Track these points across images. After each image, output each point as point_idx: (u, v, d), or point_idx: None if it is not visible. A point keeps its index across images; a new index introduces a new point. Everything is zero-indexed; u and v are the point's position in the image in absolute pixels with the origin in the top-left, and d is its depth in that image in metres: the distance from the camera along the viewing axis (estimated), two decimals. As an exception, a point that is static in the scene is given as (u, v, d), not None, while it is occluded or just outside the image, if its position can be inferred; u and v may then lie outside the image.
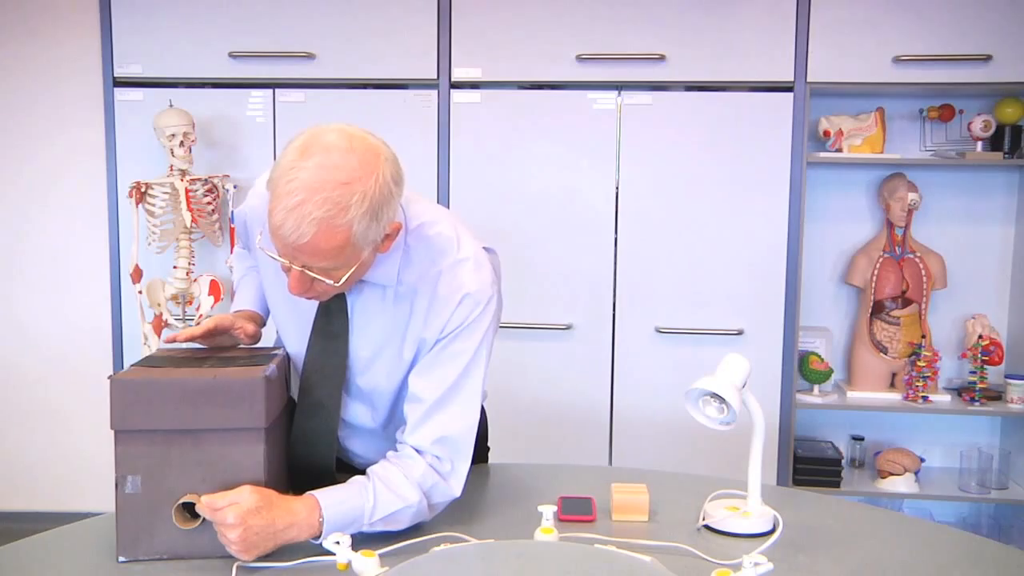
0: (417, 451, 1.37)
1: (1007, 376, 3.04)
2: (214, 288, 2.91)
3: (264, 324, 1.62)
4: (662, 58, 2.91)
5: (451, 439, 1.37)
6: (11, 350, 3.33)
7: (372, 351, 1.41)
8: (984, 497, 3.03)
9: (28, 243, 3.30)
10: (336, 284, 1.25)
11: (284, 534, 1.23)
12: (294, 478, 1.44)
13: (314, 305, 1.40)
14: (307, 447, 1.43)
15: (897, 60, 2.87)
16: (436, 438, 1.36)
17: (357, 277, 1.30)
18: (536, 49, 2.95)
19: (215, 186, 2.95)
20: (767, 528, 1.35)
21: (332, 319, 1.40)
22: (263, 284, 1.54)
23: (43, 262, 3.30)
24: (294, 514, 1.24)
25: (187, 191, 2.84)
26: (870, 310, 3.12)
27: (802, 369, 3.08)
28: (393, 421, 1.47)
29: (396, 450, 1.40)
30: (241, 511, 1.19)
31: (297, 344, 1.46)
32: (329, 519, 1.26)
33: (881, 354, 3.10)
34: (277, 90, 3.03)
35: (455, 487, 1.38)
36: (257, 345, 1.54)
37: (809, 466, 3.03)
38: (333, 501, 1.27)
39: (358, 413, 1.48)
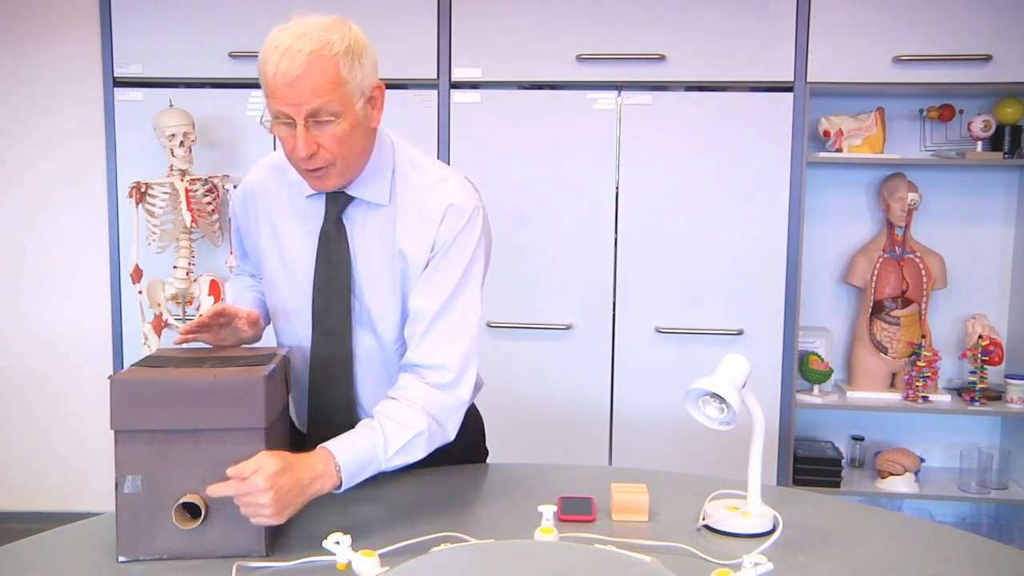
0: (418, 368, 1.43)
1: (1007, 376, 3.04)
2: (214, 288, 2.91)
3: (266, 324, 1.62)
4: (662, 58, 2.91)
5: (452, 349, 1.42)
6: (11, 350, 3.33)
7: (374, 275, 1.46)
8: (984, 497, 3.03)
9: (28, 243, 3.30)
10: (340, 132, 1.32)
11: (310, 488, 1.26)
12: (314, 423, 1.49)
13: (309, 265, 1.47)
14: (325, 378, 1.48)
15: (897, 60, 2.87)
16: (437, 350, 1.42)
17: (356, 145, 1.37)
18: (536, 49, 2.95)
19: (215, 186, 2.95)
20: (767, 528, 1.35)
21: (333, 246, 1.46)
22: (263, 256, 1.56)
23: (43, 262, 3.30)
24: (314, 467, 1.27)
25: (187, 191, 2.84)
26: (870, 310, 3.12)
27: (802, 369, 3.08)
28: (399, 359, 1.49)
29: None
30: (268, 474, 1.19)
31: (302, 300, 1.50)
32: (344, 464, 1.30)
33: (881, 354, 3.10)
34: (277, 90, 3.03)
35: (463, 393, 1.44)
36: (257, 345, 1.54)
37: (809, 466, 3.03)
38: (344, 446, 1.31)
39: (366, 344, 1.50)
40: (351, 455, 1.31)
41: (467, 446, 1.71)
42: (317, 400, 1.51)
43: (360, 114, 1.36)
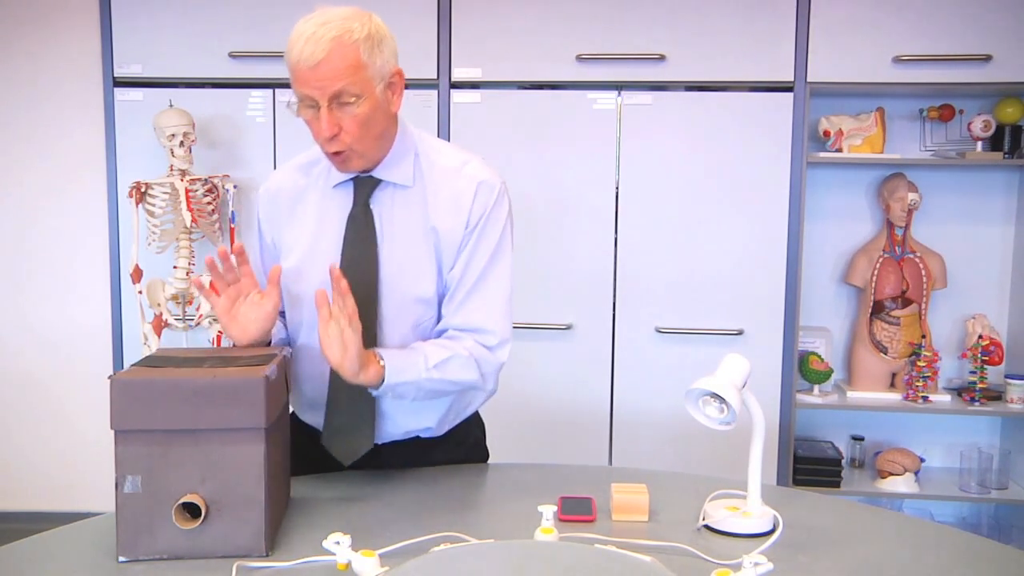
0: (458, 331, 1.51)
1: (1007, 376, 3.04)
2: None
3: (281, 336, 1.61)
4: (662, 58, 2.91)
5: (491, 314, 1.51)
6: (12, 350, 3.33)
7: (402, 253, 1.51)
8: (984, 497, 3.03)
9: (28, 243, 3.30)
10: (361, 114, 1.39)
11: (363, 372, 1.36)
12: (333, 410, 1.51)
13: (338, 250, 1.50)
14: None
15: (897, 60, 2.87)
16: (477, 315, 1.50)
17: (376, 128, 1.43)
18: (536, 49, 2.95)
19: (215, 186, 2.95)
20: (767, 528, 1.35)
21: (360, 228, 1.50)
22: (287, 251, 1.57)
23: (43, 262, 3.30)
24: (367, 356, 1.37)
25: (187, 191, 2.84)
26: (870, 310, 3.12)
27: (802, 369, 3.08)
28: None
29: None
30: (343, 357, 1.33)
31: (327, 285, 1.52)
32: (388, 359, 1.39)
33: (881, 354, 3.10)
34: (277, 90, 3.03)
35: (501, 355, 1.53)
36: (256, 345, 1.53)
37: (809, 466, 3.03)
38: (387, 350, 1.42)
39: (390, 322, 1.52)
40: (393, 355, 1.41)
41: (468, 446, 1.71)
42: (338, 384, 1.49)
43: (380, 98, 1.42)
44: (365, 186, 1.51)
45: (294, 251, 1.56)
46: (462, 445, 1.70)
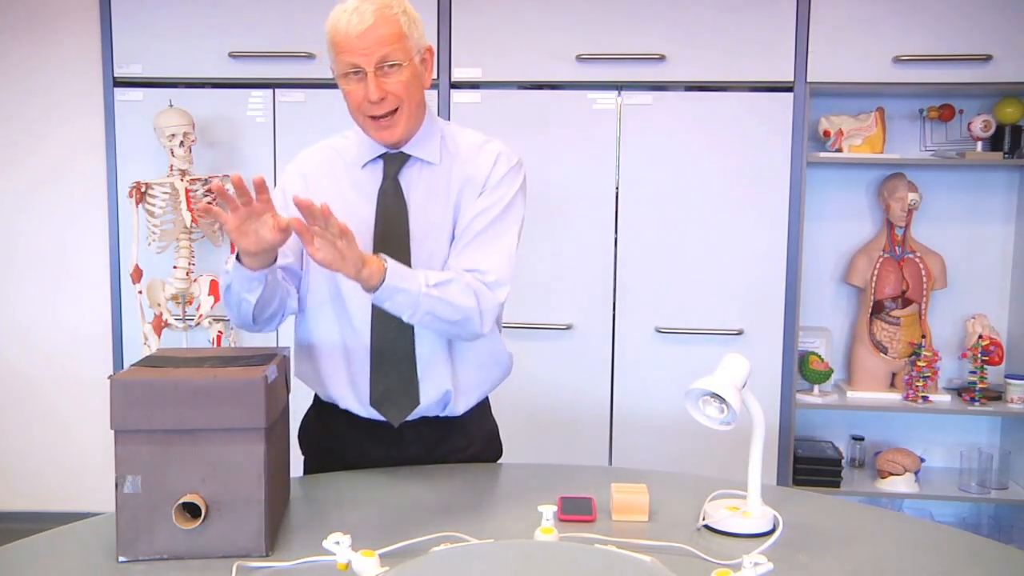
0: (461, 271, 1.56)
1: (1007, 376, 3.04)
2: (214, 288, 2.91)
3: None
4: (662, 58, 2.91)
5: (492, 258, 1.56)
6: (11, 350, 3.33)
7: (427, 226, 1.59)
8: (984, 497, 3.03)
9: (28, 243, 3.30)
10: (405, 79, 1.49)
11: (364, 268, 1.37)
12: (377, 376, 1.57)
13: (372, 213, 1.58)
14: (385, 328, 1.56)
15: (897, 60, 2.87)
16: (479, 257, 1.56)
17: (416, 96, 1.53)
18: (536, 49, 2.95)
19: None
20: (767, 528, 1.35)
21: (390, 201, 1.58)
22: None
23: (43, 262, 3.30)
24: (368, 256, 1.40)
25: (187, 191, 2.84)
26: (870, 310, 3.12)
27: (802, 369, 3.08)
28: None
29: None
30: (344, 244, 1.34)
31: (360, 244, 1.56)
32: (390, 264, 1.42)
33: (881, 354, 3.10)
34: (277, 90, 3.03)
35: (499, 295, 1.57)
36: (256, 346, 1.54)
37: (809, 466, 3.03)
38: (390, 261, 1.44)
39: None
40: (396, 264, 1.43)
41: (483, 439, 1.75)
42: (381, 350, 1.57)
43: (418, 68, 1.54)
44: (395, 161, 1.59)
45: None
46: (478, 439, 1.73)
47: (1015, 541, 3.07)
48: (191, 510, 1.25)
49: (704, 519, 1.38)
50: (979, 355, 3.02)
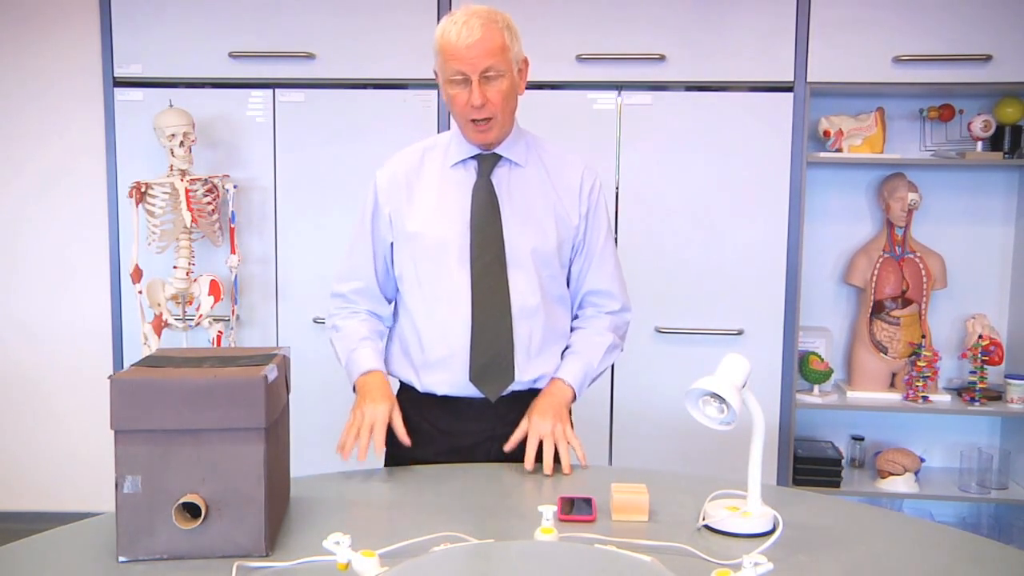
0: (591, 295, 1.85)
1: (1007, 376, 3.04)
2: (214, 288, 2.91)
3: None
4: (662, 58, 2.91)
5: (615, 277, 1.86)
6: (11, 350, 3.33)
7: (518, 217, 1.75)
8: (984, 497, 3.03)
9: (28, 243, 3.30)
10: (504, 88, 1.65)
11: (565, 406, 1.76)
12: (477, 354, 1.71)
13: (464, 207, 1.74)
14: (485, 311, 1.71)
15: (897, 60, 2.87)
16: (605, 279, 1.84)
17: (512, 104, 1.71)
18: (536, 49, 2.94)
19: (215, 186, 2.95)
20: (767, 528, 1.35)
21: (483, 197, 1.74)
22: (411, 220, 1.76)
23: (43, 262, 3.30)
24: (560, 392, 1.76)
25: (187, 191, 2.84)
26: (870, 310, 3.12)
27: (802, 369, 3.08)
28: (547, 296, 1.77)
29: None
30: (559, 425, 1.69)
31: (458, 238, 1.74)
32: (571, 379, 1.77)
33: (881, 354, 3.10)
34: (277, 90, 3.03)
35: (627, 316, 1.89)
36: (256, 346, 1.54)
37: (809, 466, 3.03)
38: (567, 371, 1.78)
39: (519, 280, 1.74)
40: (572, 372, 1.77)
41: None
42: (480, 330, 1.71)
43: (516, 78, 1.70)
44: (488, 162, 1.75)
45: (414, 219, 1.76)
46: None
47: (1015, 541, 3.07)
48: (191, 510, 1.25)
49: (704, 519, 1.38)
50: (979, 355, 3.02)
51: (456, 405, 1.76)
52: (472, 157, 1.76)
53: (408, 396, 1.81)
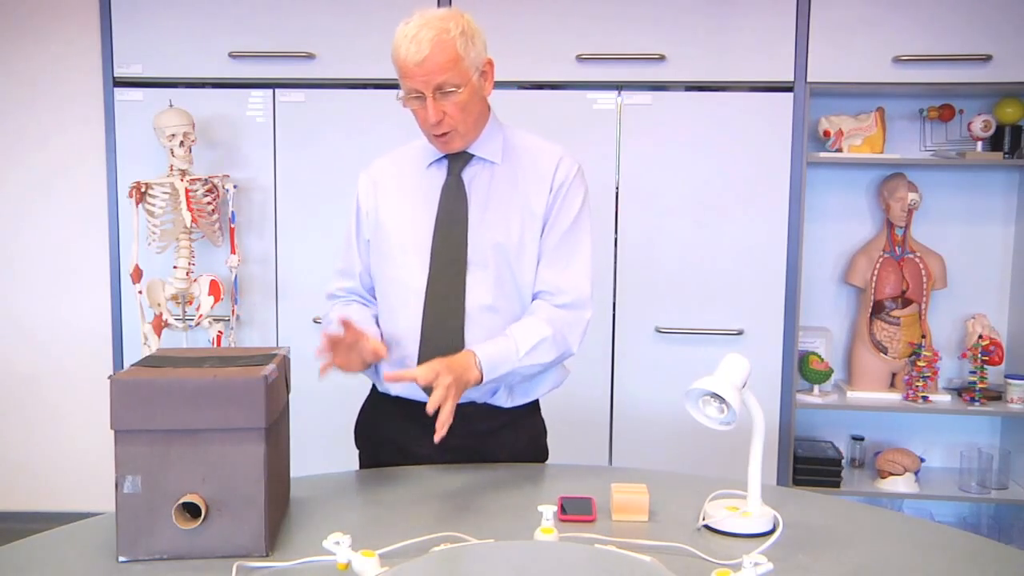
0: (543, 292, 1.69)
1: (1007, 376, 3.04)
2: (214, 288, 2.91)
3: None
4: (662, 58, 2.91)
5: (569, 274, 1.69)
6: (11, 350, 3.33)
7: (491, 216, 1.69)
8: (984, 497, 3.03)
9: (28, 243, 3.30)
10: (461, 100, 1.59)
11: (462, 378, 1.50)
12: (426, 347, 1.65)
13: (435, 207, 1.70)
14: (437, 312, 1.66)
15: (897, 60, 2.87)
16: (557, 276, 1.69)
17: (474, 111, 1.65)
18: (536, 49, 2.95)
19: (215, 186, 2.95)
20: (767, 528, 1.35)
21: (452, 195, 1.70)
22: (386, 224, 1.74)
23: (43, 262, 3.30)
24: (464, 361, 1.53)
25: (187, 191, 2.84)
26: (870, 310, 3.12)
27: (802, 369, 3.08)
28: (509, 296, 1.69)
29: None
30: (449, 381, 1.45)
31: (423, 242, 1.70)
32: (484, 358, 1.55)
33: (881, 354, 3.10)
34: (277, 90, 3.03)
35: (584, 313, 1.71)
36: (256, 345, 1.54)
37: (809, 466, 3.03)
38: (482, 348, 1.58)
39: (478, 279, 1.67)
40: (489, 353, 1.57)
41: (531, 438, 1.83)
42: (429, 333, 1.66)
43: (476, 85, 1.63)
44: (459, 160, 1.71)
45: (387, 220, 1.74)
46: (526, 439, 1.81)
47: (1015, 541, 3.07)
48: (191, 510, 1.25)
49: (704, 519, 1.38)
50: (979, 355, 3.02)
51: (410, 408, 1.69)
52: (445, 157, 1.73)
53: (372, 398, 1.83)
